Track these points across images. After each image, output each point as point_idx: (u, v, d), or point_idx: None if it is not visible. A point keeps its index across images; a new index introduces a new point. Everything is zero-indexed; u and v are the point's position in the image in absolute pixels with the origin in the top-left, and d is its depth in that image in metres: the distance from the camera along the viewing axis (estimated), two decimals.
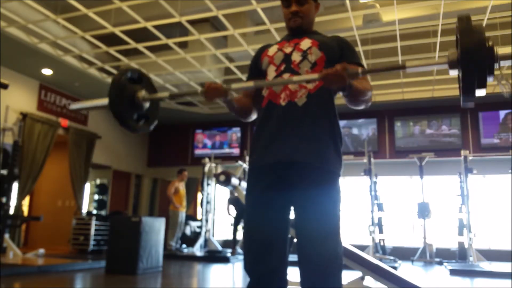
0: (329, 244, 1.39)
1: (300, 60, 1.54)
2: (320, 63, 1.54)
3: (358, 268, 3.13)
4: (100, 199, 9.60)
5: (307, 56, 1.54)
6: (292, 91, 1.51)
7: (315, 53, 1.55)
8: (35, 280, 4.35)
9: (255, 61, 1.70)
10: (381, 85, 7.87)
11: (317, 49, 1.55)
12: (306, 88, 1.51)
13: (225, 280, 5.08)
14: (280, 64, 1.58)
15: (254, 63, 1.70)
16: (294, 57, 1.56)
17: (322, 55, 1.55)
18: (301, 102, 1.49)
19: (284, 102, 1.51)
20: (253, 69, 1.70)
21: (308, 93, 1.50)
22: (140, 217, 5.06)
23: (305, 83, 1.50)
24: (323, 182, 1.45)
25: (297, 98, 1.50)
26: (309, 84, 1.51)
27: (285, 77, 1.53)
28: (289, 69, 1.54)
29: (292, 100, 1.50)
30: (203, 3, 5.26)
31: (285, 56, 1.58)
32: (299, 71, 1.53)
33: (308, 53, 1.55)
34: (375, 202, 7.42)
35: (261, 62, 1.66)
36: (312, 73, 1.51)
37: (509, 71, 6.84)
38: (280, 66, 1.57)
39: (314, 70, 1.52)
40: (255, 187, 1.53)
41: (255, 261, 1.46)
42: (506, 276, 5.41)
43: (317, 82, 1.49)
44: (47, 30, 6.02)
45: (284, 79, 1.53)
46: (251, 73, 1.71)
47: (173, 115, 9.78)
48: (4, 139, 6.58)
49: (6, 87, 4.32)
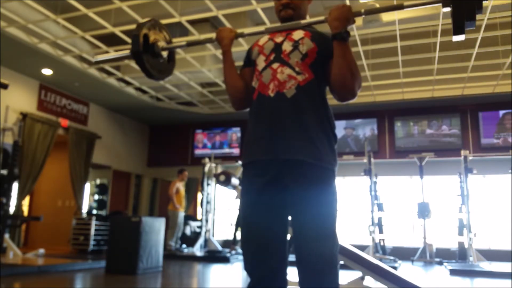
0: (325, 244, 1.38)
1: (291, 50, 1.51)
2: (311, 54, 1.50)
3: (358, 268, 3.13)
4: (100, 199, 9.60)
5: (298, 46, 1.51)
6: (281, 81, 1.47)
7: (306, 44, 1.51)
8: (35, 280, 4.35)
9: (248, 51, 1.68)
10: (381, 85, 7.87)
11: (309, 40, 1.51)
12: (295, 79, 1.47)
13: (225, 280, 5.08)
14: (269, 53, 1.54)
15: (247, 54, 1.68)
16: (285, 46, 1.52)
17: (314, 46, 1.51)
18: (290, 94, 1.46)
19: (273, 93, 1.47)
20: (246, 59, 1.68)
21: (298, 84, 1.46)
22: (140, 217, 5.07)
23: (295, 74, 1.47)
24: (318, 181, 1.42)
25: (285, 89, 1.46)
26: (298, 76, 1.47)
27: (274, 67, 1.50)
28: (278, 59, 1.51)
29: (280, 91, 1.46)
30: (203, 3, 5.26)
31: (275, 45, 1.55)
32: (289, 61, 1.49)
33: (300, 43, 1.51)
34: (375, 202, 7.42)
35: (252, 52, 1.64)
36: (302, 65, 1.48)
37: (509, 71, 6.85)
38: (269, 56, 1.54)
39: (305, 62, 1.49)
40: (250, 188, 1.51)
41: (255, 261, 1.46)
42: (506, 276, 5.42)
43: (307, 75, 1.47)
44: (47, 30, 6.02)
45: (292, 23, 1.55)
46: (244, 63, 1.68)
47: (173, 115, 9.79)
48: (4, 139, 6.58)
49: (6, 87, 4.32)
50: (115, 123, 9.59)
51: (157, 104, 9.04)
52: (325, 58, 1.50)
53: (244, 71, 1.66)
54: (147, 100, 8.76)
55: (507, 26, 5.70)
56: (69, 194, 8.33)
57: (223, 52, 1.65)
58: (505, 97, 7.66)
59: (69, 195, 8.34)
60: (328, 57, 1.50)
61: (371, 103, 8.44)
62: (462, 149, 7.46)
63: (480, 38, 5.75)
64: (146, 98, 8.69)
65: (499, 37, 6.05)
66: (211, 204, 8.63)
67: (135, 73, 7.43)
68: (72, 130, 8.10)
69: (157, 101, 9.03)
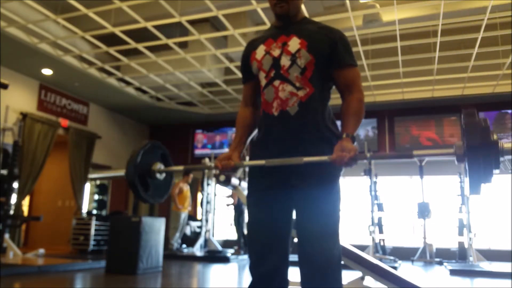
0: (327, 245, 1.39)
1: (289, 65, 1.51)
2: (310, 67, 1.51)
3: (358, 268, 3.13)
4: (100, 199, 9.60)
5: (296, 60, 1.51)
6: (283, 99, 1.49)
7: (304, 57, 1.50)
8: (35, 280, 4.35)
9: (245, 63, 1.66)
10: (381, 85, 7.87)
11: (306, 52, 1.51)
12: (297, 96, 1.49)
13: (225, 280, 5.08)
14: (269, 70, 1.55)
15: (244, 66, 1.67)
16: (283, 61, 1.52)
17: (311, 58, 1.51)
18: (293, 111, 1.48)
19: (277, 112, 1.50)
20: (245, 72, 1.67)
21: (300, 101, 1.49)
22: (140, 217, 5.07)
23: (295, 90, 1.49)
24: (323, 183, 1.45)
25: (288, 107, 1.49)
26: (299, 91, 1.49)
27: (276, 84, 1.52)
28: (278, 76, 1.52)
29: (284, 109, 1.49)
30: (203, 3, 5.26)
31: (273, 60, 1.54)
32: (288, 77, 1.50)
33: (297, 56, 1.51)
34: (375, 202, 7.42)
35: (250, 65, 1.62)
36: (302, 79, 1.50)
37: (509, 71, 6.85)
38: (269, 73, 1.54)
39: (304, 76, 1.50)
40: (256, 188, 1.54)
41: (257, 261, 1.47)
42: (506, 276, 5.41)
43: (308, 90, 1.49)
44: (47, 30, 6.02)
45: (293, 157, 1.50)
46: (244, 77, 1.69)
47: (173, 115, 9.78)
48: (4, 139, 6.58)
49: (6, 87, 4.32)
50: (115, 123, 9.59)
51: (157, 104, 9.04)
52: (324, 68, 1.52)
53: (247, 88, 1.68)
54: (147, 100, 8.76)
55: (507, 26, 5.71)
56: (69, 194, 8.33)
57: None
58: (505, 97, 7.66)
59: (69, 195, 8.34)
60: (328, 66, 1.52)
61: (371, 103, 8.44)
62: None
63: (480, 38, 5.75)
64: (146, 98, 8.69)
65: (499, 37, 6.05)
66: (211, 204, 8.63)
67: (135, 73, 7.43)
68: (72, 130, 8.09)
69: (157, 101, 9.03)
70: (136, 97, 8.49)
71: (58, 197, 8.82)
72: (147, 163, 1.73)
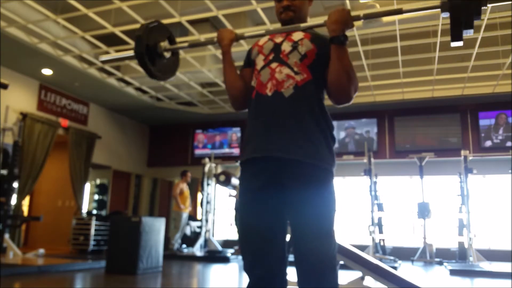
0: (322, 245, 1.37)
1: (290, 50, 1.51)
2: (311, 55, 1.50)
3: (358, 268, 3.13)
4: (100, 199, 9.60)
5: (297, 47, 1.51)
6: (279, 80, 1.48)
7: (306, 45, 1.51)
8: (35, 280, 4.35)
9: (248, 52, 1.69)
10: (381, 85, 7.87)
11: (308, 41, 1.52)
12: (294, 79, 1.47)
13: (225, 280, 5.08)
14: (269, 53, 1.55)
15: (247, 54, 1.69)
16: (284, 46, 1.53)
17: (313, 47, 1.51)
18: (287, 93, 1.46)
19: (271, 92, 1.48)
20: (246, 59, 1.69)
21: (296, 84, 1.47)
22: (140, 217, 5.07)
23: (293, 74, 1.47)
24: (316, 181, 1.42)
25: (283, 89, 1.47)
26: (297, 76, 1.48)
27: (273, 66, 1.51)
28: (277, 59, 1.51)
29: (278, 90, 1.47)
30: (203, 3, 5.26)
31: (274, 45, 1.55)
32: (287, 61, 1.49)
33: (299, 44, 1.51)
34: (375, 202, 7.42)
35: (251, 52, 1.65)
36: (301, 65, 1.49)
37: (509, 71, 6.85)
38: (268, 56, 1.55)
39: (304, 63, 1.49)
40: (249, 188, 1.50)
41: (253, 262, 1.45)
42: (506, 276, 5.42)
43: (305, 76, 1.48)
44: (47, 30, 6.02)
45: (292, 26, 1.55)
46: (244, 63, 1.69)
47: (173, 115, 9.78)
48: (4, 139, 6.58)
49: (6, 87, 4.33)
50: (115, 123, 9.59)
51: (157, 104, 9.04)
52: (324, 61, 1.50)
53: (244, 72, 1.66)
54: (147, 100, 8.76)
55: (507, 26, 5.70)
56: (69, 194, 8.33)
57: (223, 52, 1.66)
58: (505, 97, 7.66)
59: (69, 195, 8.34)
60: (327, 60, 1.49)
61: (371, 103, 8.44)
62: (462, 149, 7.46)
63: (480, 38, 5.75)
64: (146, 98, 8.69)
65: (499, 37, 6.04)
66: (211, 204, 8.63)
67: (135, 73, 7.43)
68: (72, 130, 8.09)
69: (157, 101, 9.03)
70: (136, 97, 8.49)
71: (58, 197, 8.83)
72: (155, 37, 1.74)
